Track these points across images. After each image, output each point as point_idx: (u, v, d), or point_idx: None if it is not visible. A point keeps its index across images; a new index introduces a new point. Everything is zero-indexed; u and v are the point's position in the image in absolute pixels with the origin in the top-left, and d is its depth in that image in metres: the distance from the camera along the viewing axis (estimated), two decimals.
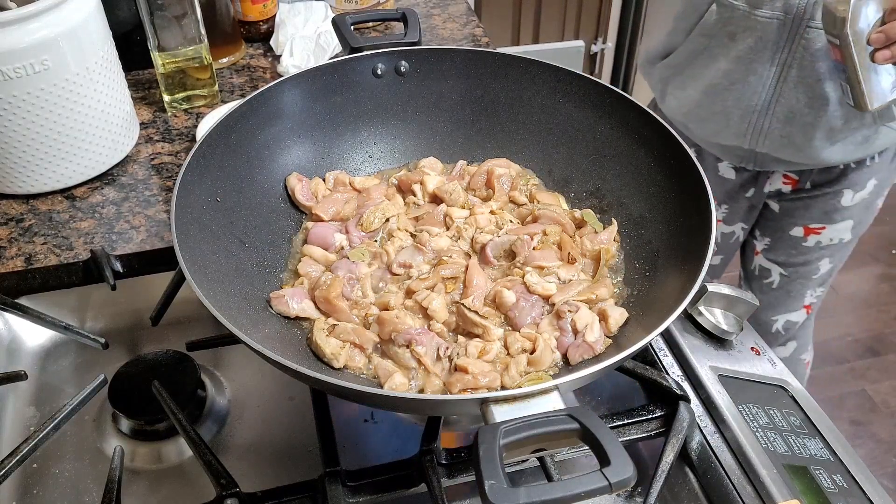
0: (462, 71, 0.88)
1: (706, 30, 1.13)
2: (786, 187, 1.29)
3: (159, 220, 0.96)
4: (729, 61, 1.12)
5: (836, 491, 0.69)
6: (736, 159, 1.26)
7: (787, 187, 1.29)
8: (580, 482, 0.47)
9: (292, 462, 0.75)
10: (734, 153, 1.25)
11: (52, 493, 0.73)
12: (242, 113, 0.78)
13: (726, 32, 1.10)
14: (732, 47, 1.11)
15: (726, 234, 1.44)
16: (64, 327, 0.81)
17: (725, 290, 0.83)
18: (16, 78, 0.87)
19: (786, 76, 1.09)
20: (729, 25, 1.09)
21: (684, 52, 1.18)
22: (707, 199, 0.68)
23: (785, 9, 1.04)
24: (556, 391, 0.53)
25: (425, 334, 0.69)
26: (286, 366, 0.55)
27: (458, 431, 0.76)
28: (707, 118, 1.20)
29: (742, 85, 1.12)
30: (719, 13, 1.10)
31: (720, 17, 1.10)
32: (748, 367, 0.81)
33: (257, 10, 1.29)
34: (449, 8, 1.45)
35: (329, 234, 0.78)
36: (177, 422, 0.71)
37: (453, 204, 0.83)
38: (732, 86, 1.14)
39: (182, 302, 0.83)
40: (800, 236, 1.33)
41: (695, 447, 0.73)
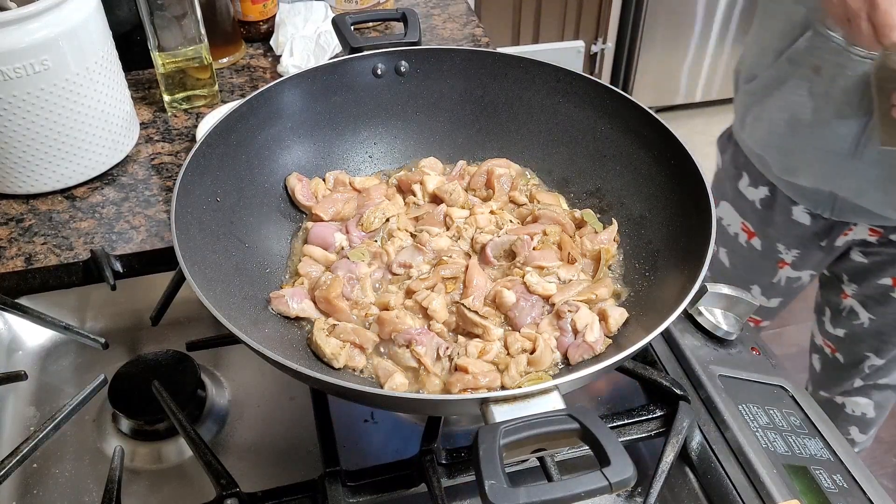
0: (462, 71, 0.88)
1: (794, 56, 1.03)
2: (872, 237, 1.19)
3: (159, 220, 0.96)
4: (814, 97, 1.02)
5: (836, 491, 0.69)
6: (812, 204, 1.16)
7: (873, 237, 1.19)
8: (580, 482, 0.47)
9: (292, 462, 0.75)
10: (811, 197, 1.15)
11: (52, 493, 0.73)
12: (242, 113, 0.78)
13: (812, 64, 1.01)
14: (817, 82, 1.01)
15: (792, 278, 1.34)
16: (64, 327, 0.81)
17: (725, 290, 0.83)
18: (16, 78, 0.87)
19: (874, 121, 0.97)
20: (817, 57, 1.00)
21: (768, 78, 1.09)
22: (707, 199, 0.68)
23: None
24: (556, 391, 0.53)
25: (425, 334, 0.69)
26: (286, 366, 0.55)
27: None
28: (786, 153, 1.11)
29: (824, 126, 1.03)
30: (811, 41, 1.00)
31: (811, 46, 1.00)
32: (748, 367, 0.81)
33: (257, 10, 1.29)
34: (449, 8, 1.45)
35: (329, 234, 0.78)
36: (177, 422, 0.71)
37: (453, 204, 0.83)
38: (814, 123, 1.04)
39: (182, 302, 0.83)
40: (889, 284, 1.23)
41: (695, 447, 0.73)
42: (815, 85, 1.02)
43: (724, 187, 1.32)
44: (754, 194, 1.26)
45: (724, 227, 1.36)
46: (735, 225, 1.33)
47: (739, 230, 1.33)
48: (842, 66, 0.97)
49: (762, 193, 1.24)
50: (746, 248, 1.34)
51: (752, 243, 1.32)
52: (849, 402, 1.46)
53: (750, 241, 1.32)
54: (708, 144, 3.41)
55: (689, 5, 2.80)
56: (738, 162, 1.27)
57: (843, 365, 1.40)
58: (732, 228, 1.35)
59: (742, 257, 1.35)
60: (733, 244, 1.36)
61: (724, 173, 1.32)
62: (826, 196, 1.12)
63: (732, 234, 1.35)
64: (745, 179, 1.26)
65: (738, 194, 1.29)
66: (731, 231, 1.35)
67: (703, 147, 3.19)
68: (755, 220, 1.29)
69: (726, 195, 1.32)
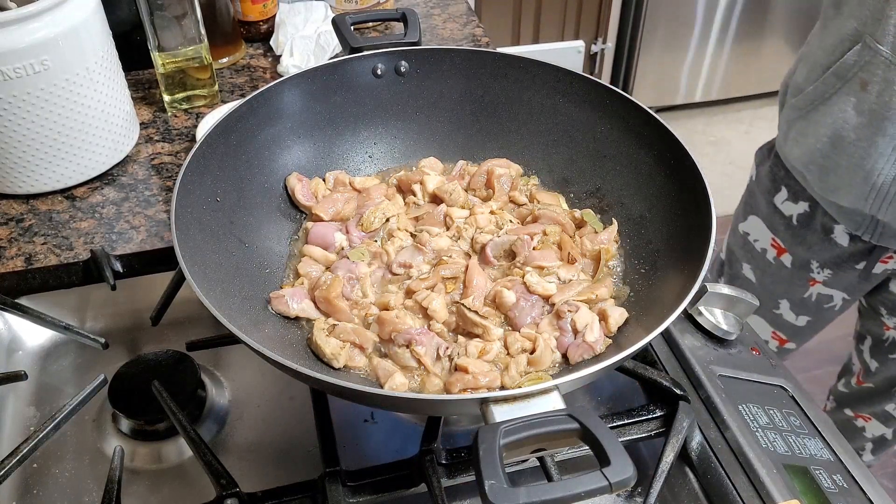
0: (462, 71, 0.88)
1: (841, 71, 1.00)
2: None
3: (159, 220, 0.96)
4: (859, 113, 0.99)
5: (836, 491, 0.69)
6: (853, 225, 1.13)
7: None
8: (580, 482, 0.47)
9: (292, 462, 0.75)
10: (852, 217, 1.11)
11: (52, 493, 0.73)
12: (242, 113, 0.78)
13: (859, 79, 0.98)
14: (864, 98, 0.98)
15: (823, 295, 1.29)
16: (64, 327, 0.81)
17: (725, 290, 0.83)
18: (16, 78, 0.87)
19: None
20: (864, 71, 0.97)
21: (815, 93, 1.06)
22: (707, 199, 0.68)
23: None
24: (556, 391, 0.53)
25: (425, 334, 0.69)
26: (286, 366, 0.55)
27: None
28: (828, 171, 1.07)
29: (869, 143, 1.00)
30: (859, 55, 0.97)
31: (859, 60, 0.97)
32: (748, 367, 0.81)
33: (257, 10, 1.29)
34: (449, 8, 1.45)
35: (329, 234, 0.78)
36: (177, 422, 0.71)
37: (453, 204, 0.83)
38: (859, 142, 1.01)
39: (182, 302, 0.83)
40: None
41: (695, 447, 0.73)
42: (861, 101, 0.99)
43: (757, 201, 1.28)
44: (792, 209, 1.21)
45: (751, 244, 1.31)
46: (764, 240, 1.28)
47: (769, 246, 1.28)
48: (890, 81, 0.95)
49: (801, 209, 1.20)
50: (775, 264, 1.29)
51: (782, 260, 1.27)
52: (869, 425, 1.45)
53: (779, 257, 1.28)
54: (708, 144, 3.42)
55: (689, 5, 2.80)
56: (778, 175, 1.22)
57: (875, 391, 1.38)
58: (760, 244, 1.29)
59: (770, 274, 1.30)
60: (760, 261, 1.31)
61: (758, 186, 1.28)
62: (869, 218, 1.09)
63: (760, 249, 1.30)
64: (784, 193, 1.22)
65: (772, 209, 1.25)
66: (758, 247, 1.30)
67: (703, 147, 3.19)
68: (787, 237, 1.24)
69: (759, 210, 1.28)
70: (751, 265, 1.34)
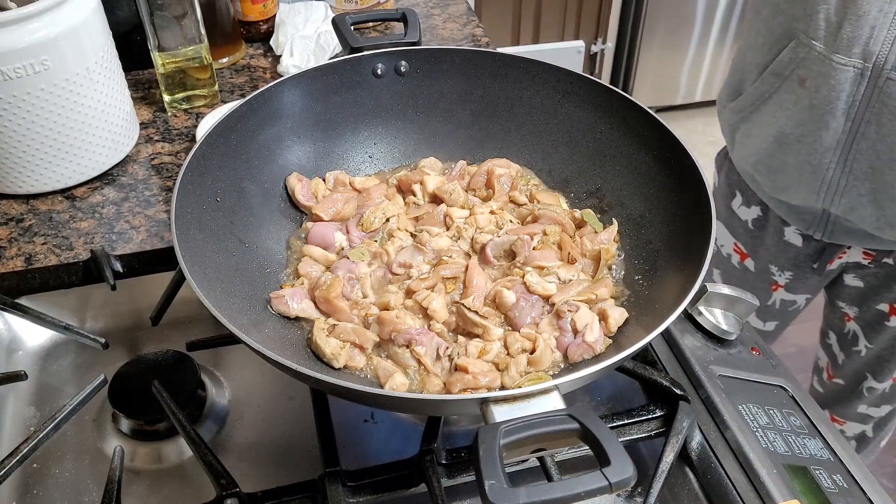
0: (462, 71, 0.88)
1: (779, 69, 1.02)
2: (865, 260, 1.18)
3: (159, 220, 0.96)
4: (800, 109, 1.00)
5: (836, 491, 0.69)
6: (804, 224, 1.14)
7: (866, 260, 1.18)
8: (580, 482, 0.47)
9: (292, 462, 0.75)
10: (803, 216, 1.13)
11: (52, 493, 0.73)
12: (242, 113, 0.78)
13: (797, 76, 0.99)
14: (803, 94, 0.99)
15: (786, 301, 1.32)
16: (64, 327, 0.81)
17: (725, 290, 0.83)
18: (16, 78, 0.87)
19: (863, 132, 0.97)
20: (801, 68, 0.98)
21: (754, 94, 1.07)
22: (707, 199, 0.68)
23: (864, 56, 0.92)
24: (556, 391, 0.53)
25: (425, 334, 0.69)
26: (286, 366, 0.55)
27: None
28: (777, 170, 1.08)
29: (813, 138, 1.01)
30: (794, 52, 0.99)
31: (794, 57, 0.99)
32: (748, 367, 0.81)
33: (257, 10, 1.29)
34: (449, 8, 1.45)
35: (329, 234, 0.78)
36: (177, 422, 0.71)
37: (453, 204, 0.83)
38: (804, 138, 1.02)
39: (182, 302, 0.83)
40: (885, 312, 1.21)
41: (695, 447, 0.73)
42: (801, 97, 1.00)
43: (719, 207, 1.29)
44: (747, 214, 1.24)
45: (718, 248, 1.33)
46: (728, 246, 1.31)
47: (732, 251, 1.31)
48: (825, 75, 0.96)
49: (754, 213, 1.23)
50: (740, 269, 1.32)
51: (746, 265, 1.30)
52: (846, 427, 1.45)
53: (743, 262, 1.30)
54: (708, 144, 3.42)
55: (689, 5, 2.80)
56: (732, 180, 1.25)
57: (845, 389, 1.39)
58: (725, 249, 1.32)
59: (736, 279, 1.33)
60: (726, 265, 1.34)
61: (719, 192, 1.30)
62: (818, 215, 1.10)
63: (725, 255, 1.33)
64: (738, 199, 1.25)
65: (731, 214, 1.27)
66: (724, 252, 1.33)
67: (702, 147, 3.19)
68: (748, 241, 1.27)
69: (720, 215, 1.29)
70: (719, 270, 1.36)
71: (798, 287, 1.28)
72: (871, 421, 1.42)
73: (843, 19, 0.92)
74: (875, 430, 1.43)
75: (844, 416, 1.44)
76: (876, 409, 1.39)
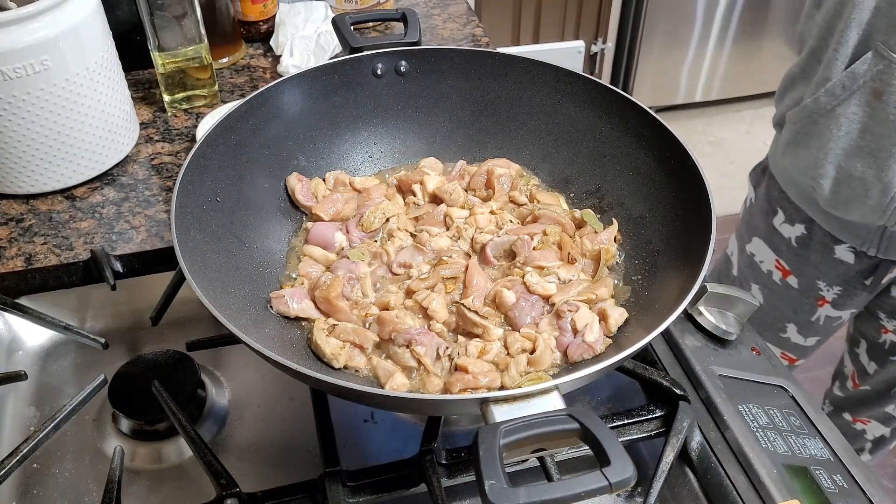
0: (462, 71, 0.88)
1: (849, 81, 0.98)
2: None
3: (159, 220, 0.96)
4: (875, 123, 0.97)
5: (836, 491, 0.69)
6: (857, 240, 1.10)
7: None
8: (580, 482, 0.47)
9: (292, 462, 0.75)
10: (857, 232, 1.09)
11: (52, 493, 0.73)
12: (242, 113, 0.78)
13: (871, 88, 0.96)
14: (878, 107, 0.96)
15: (832, 317, 1.27)
16: (64, 327, 0.81)
17: (725, 291, 0.83)
18: (16, 78, 0.87)
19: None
20: (877, 81, 0.95)
21: (815, 105, 1.03)
22: (707, 199, 0.68)
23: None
24: (556, 391, 0.53)
25: (425, 334, 0.68)
26: (286, 366, 0.55)
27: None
28: (840, 183, 1.04)
29: (887, 154, 0.98)
30: (872, 64, 0.95)
31: (871, 69, 0.95)
32: (748, 368, 0.81)
33: (257, 10, 1.29)
34: (449, 8, 1.45)
35: (329, 234, 0.78)
36: (177, 422, 0.71)
37: (453, 204, 0.83)
38: (878, 152, 0.98)
39: (182, 302, 0.83)
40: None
41: (695, 447, 0.73)
42: (876, 110, 0.97)
43: (757, 222, 1.26)
44: (790, 231, 1.20)
45: (758, 264, 1.29)
46: (769, 262, 1.27)
47: (773, 268, 1.27)
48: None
49: (798, 231, 1.18)
50: (782, 286, 1.27)
51: (788, 281, 1.25)
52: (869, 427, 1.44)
53: (785, 279, 1.26)
54: (708, 144, 3.42)
55: (689, 5, 2.80)
56: (773, 197, 1.21)
57: (873, 393, 1.37)
58: (766, 266, 1.28)
59: (777, 295, 1.29)
60: (766, 281, 1.29)
61: (757, 208, 1.26)
62: (875, 232, 1.07)
63: (766, 271, 1.28)
64: (780, 216, 1.20)
65: (772, 231, 1.23)
66: (764, 268, 1.28)
67: (702, 147, 3.19)
68: (791, 259, 1.23)
69: (759, 231, 1.26)
70: (759, 286, 1.32)
71: (846, 303, 1.24)
72: (893, 423, 1.40)
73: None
74: (894, 433, 1.43)
75: (870, 417, 1.42)
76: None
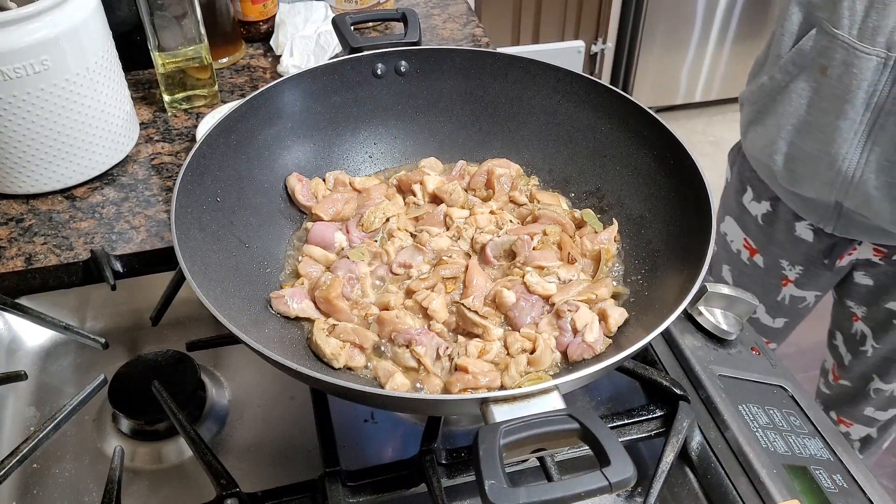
0: (462, 71, 0.88)
1: (798, 58, 1.02)
2: (876, 257, 1.17)
3: (159, 220, 0.96)
4: (820, 98, 1.00)
5: (836, 491, 0.69)
6: (816, 217, 1.13)
7: (877, 257, 1.17)
8: (580, 482, 0.47)
9: (292, 462, 0.75)
10: (815, 209, 1.12)
11: (52, 493, 0.73)
12: (242, 113, 0.78)
13: (818, 64, 0.99)
14: (824, 83, 0.99)
15: (796, 297, 1.31)
16: (64, 327, 0.81)
17: (725, 290, 0.83)
18: (16, 78, 0.87)
19: (882, 123, 0.96)
20: (823, 57, 0.98)
21: (772, 83, 1.07)
22: (707, 199, 0.68)
23: (888, 45, 0.92)
24: (556, 391, 0.53)
25: (425, 334, 0.69)
26: (286, 366, 0.55)
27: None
28: (793, 160, 1.08)
29: (832, 128, 1.01)
30: (816, 40, 0.98)
31: (816, 45, 0.99)
32: (748, 368, 0.81)
33: (257, 10, 1.29)
34: (449, 8, 1.45)
35: (329, 234, 0.78)
36: (177, 422, 0.71)
37: (453, 204, 0.83)
38: (823, 127, 1.02)
39: (182, 302, 0.83)
40: (895, 311, 1.20)
41: (695, 447, 0.73)
42: (822, 86, 1.00)
43: (730, 202, 1.30)
44: (757, 209, 1.24)
45: (728, 244, 1.33)
46: (738, 241, 1.31)
47: (742, 247, 1.30)
48: (847, 64, 0.96)
49: (764, 208, 1.22)
50: (749, 265, 1.31)
51: (755, 260, 1.30)
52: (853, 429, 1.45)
53: (752, 258, 1.30)
54: (708, 144, 3.41)
55: (689, 5, 2.80)
56: (744, 175, 1.24)
57: (851, 390, 1.39)
58: (735, 245, 1.32)
59: (746, 275, 1.33)
60: (735, 261, 1.33)
61: (732, 187, 1.29)
62: (831, 208, 1.10)
63: (735, 250, 1.32)
64: (749, 193, 1.24)
65: (742, 209, 1.27)
66: (733, 248, 1.32)
67: (703, 147, 3.19)
68: (758, 237, 1.27)
69: (731, 210, 1.30)
70: (729, 266, 1.36)
71: (808, 283, 1.27)
72: (876, 424, 1.41)
73: (869, 8, 0.93)
74: (880, 432, 1.43)
75: (852, 419, 1.43)
76: (882, 413, 1.38)
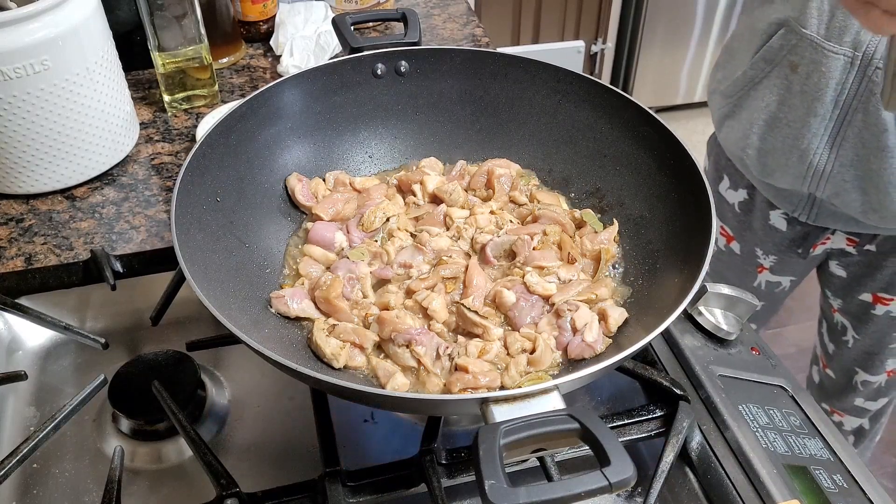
0: (462, 71, 0.88)
1: (769, 55, 1.03)
2: (849, 247, 1.19)
3: (159, 220, 0.96)
4: (790, 94, 1.02)
5: (836, 491, 0.69)
6: (790, 206, 1.15)
7: (850, 247, 1.19)
8: (580, 482, 0.47)
9: (292, 462, 0.75)
10: (789, 199, 1.13)
11: (52, 493, 0.73)
12: (242, 113, 0.78)
13: (789, 61, 1.01)
14: (795, 79, 1.01)
15: (772, 282, 1.33)
16: (64, 327, 0.81)
17: (725, 290, 0.83)
18: (16, 78, 0.87)
19: (850, 120, 0.98)
20: (793, 54, 1.00)
21: (744, 78, 1.09)
22: (707, 199, 0.68)
23: (854, 45, 0.94)
24: (556, 391, 0.53)
25: (425, 334, 0.69)
26: (286, 366, 0.55)
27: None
28: (765, 154, 1.09)
29: (802, 123, 1.02)
30: (785, 38, 1.00)
31: (786, 44, 1.00)
32: (748, 368, 0.81)
33: (257, 10, 1.29)
34: (449, 8, 1.45)
35: (329, 234, 0.78)
36: (177, 422, 0.71)
37: (453, 204, 0.83)
38: (793, 122, 1.03)
39: (182, 302, 0.83)
40: (868, 302, 1.22)
41: (695, 447, 0.73)
42: (793, 82, 1.02)
43: None
44: (734, 197, 1.26)
45: None
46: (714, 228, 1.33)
47: (719, 234, 1.32)
48: (816, 62, 0.97)
49: (741, 196, 1.24)
50: (726, 252, 1.33)
51: (732, 247, 1.32)
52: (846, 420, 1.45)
53: (729, 245, 1.32)
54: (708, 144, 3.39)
55: (689, 5, 2.80)
56: (720, 164, 1.26)
57: (838, 383, 1.40)
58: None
59: (722, 262, 1.35)
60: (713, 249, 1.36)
61: (708, 176, 1.31)
62: (804, 199, 1.11)
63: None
64: (726, 182, 1.26)
65: (719, 198, 1.28)
66: None
67: (702, 147, 3.18)
68: (735, 225, 1.29)
69: None
70: None
71: (783, 270, 1.30)
72: (867, 414, 1.42)
73: (835, 7, 0.94)
74: (871, 422, 1.45)
75: (843, 410, 1.45)
76: (872, 403, 1.40)
